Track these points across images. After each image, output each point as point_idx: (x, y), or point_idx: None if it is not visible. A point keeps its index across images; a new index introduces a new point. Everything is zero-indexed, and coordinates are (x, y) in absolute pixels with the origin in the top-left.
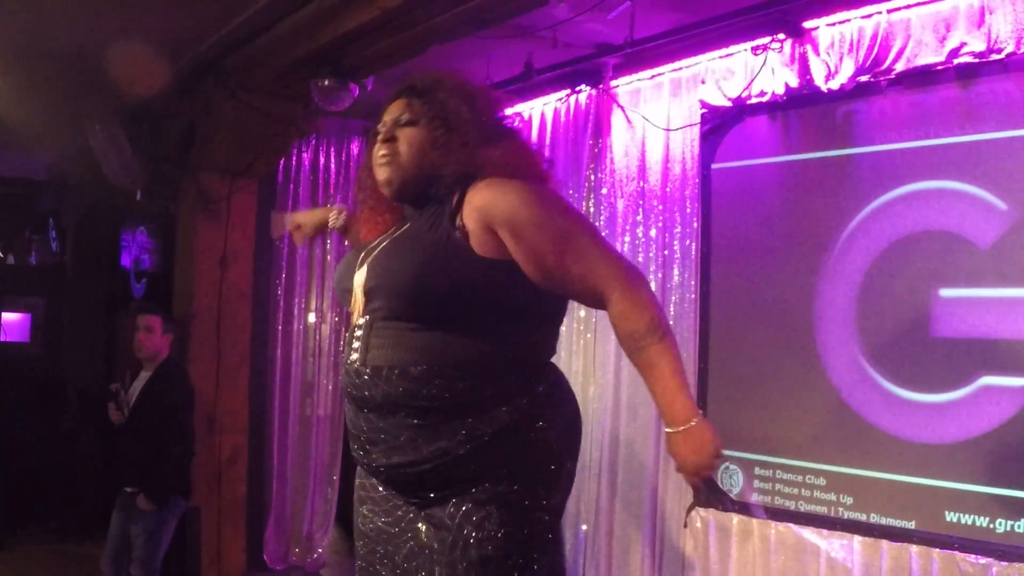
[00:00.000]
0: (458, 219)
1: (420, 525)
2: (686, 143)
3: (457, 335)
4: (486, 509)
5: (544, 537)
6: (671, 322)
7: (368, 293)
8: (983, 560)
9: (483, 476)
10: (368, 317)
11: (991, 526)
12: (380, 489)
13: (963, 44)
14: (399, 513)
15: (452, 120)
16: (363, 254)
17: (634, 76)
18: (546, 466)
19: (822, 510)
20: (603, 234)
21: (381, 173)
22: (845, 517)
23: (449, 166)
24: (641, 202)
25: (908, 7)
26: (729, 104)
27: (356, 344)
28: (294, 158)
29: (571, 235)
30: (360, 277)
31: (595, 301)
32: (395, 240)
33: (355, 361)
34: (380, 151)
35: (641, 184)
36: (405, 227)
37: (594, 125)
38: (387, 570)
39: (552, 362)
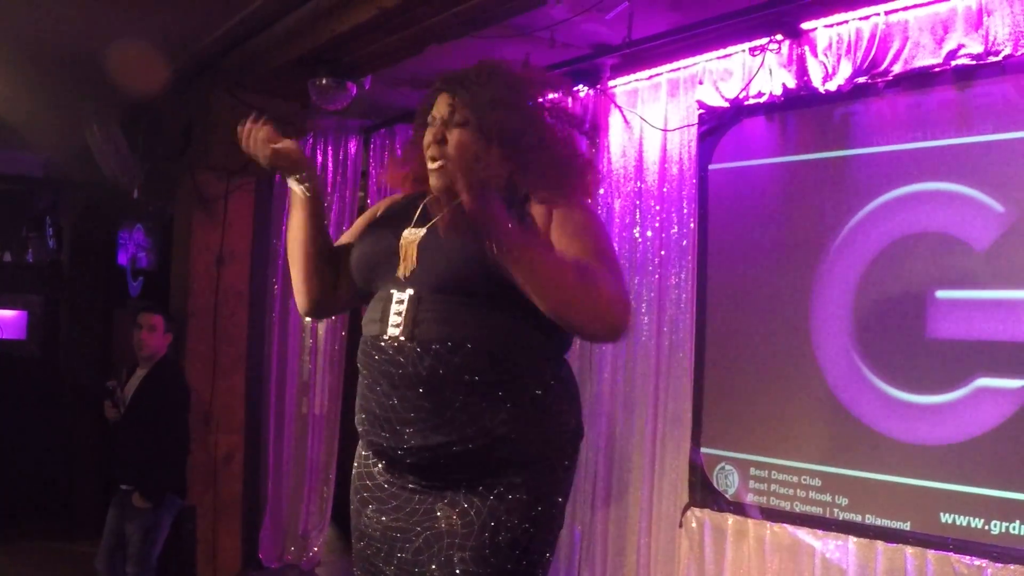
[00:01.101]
0: (527, 207)
1: (440, 512)
2: (683, 144)
3: (508, 313)
4: (518, 493)
5: (558, 525)
6: (669, 316)
7: (423, 261)
8: (978, 562)
9: (517, 458)
10: (413, 290)
11: (986, 528)
12: (388, 486)
13: (961, 46)
14: (413, 506)
15: (495, 132)
16: (417, 213)
17: (632, 76)
18: (568, 451)
19: (817, 511)
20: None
21: (435, 179)
22: (840, 518)
23: (493, 177)
24: (638, 202)
25: (906, 9)
26: (727, 105)
27: (397, 319)
28: None
29: (598, 246)
30: (415, 234)
31: None
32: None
33: (397, 336)
34: (432, 153)
35: (638, 184)
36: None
37: (591, 125)
38: (390, 568)
39: None
